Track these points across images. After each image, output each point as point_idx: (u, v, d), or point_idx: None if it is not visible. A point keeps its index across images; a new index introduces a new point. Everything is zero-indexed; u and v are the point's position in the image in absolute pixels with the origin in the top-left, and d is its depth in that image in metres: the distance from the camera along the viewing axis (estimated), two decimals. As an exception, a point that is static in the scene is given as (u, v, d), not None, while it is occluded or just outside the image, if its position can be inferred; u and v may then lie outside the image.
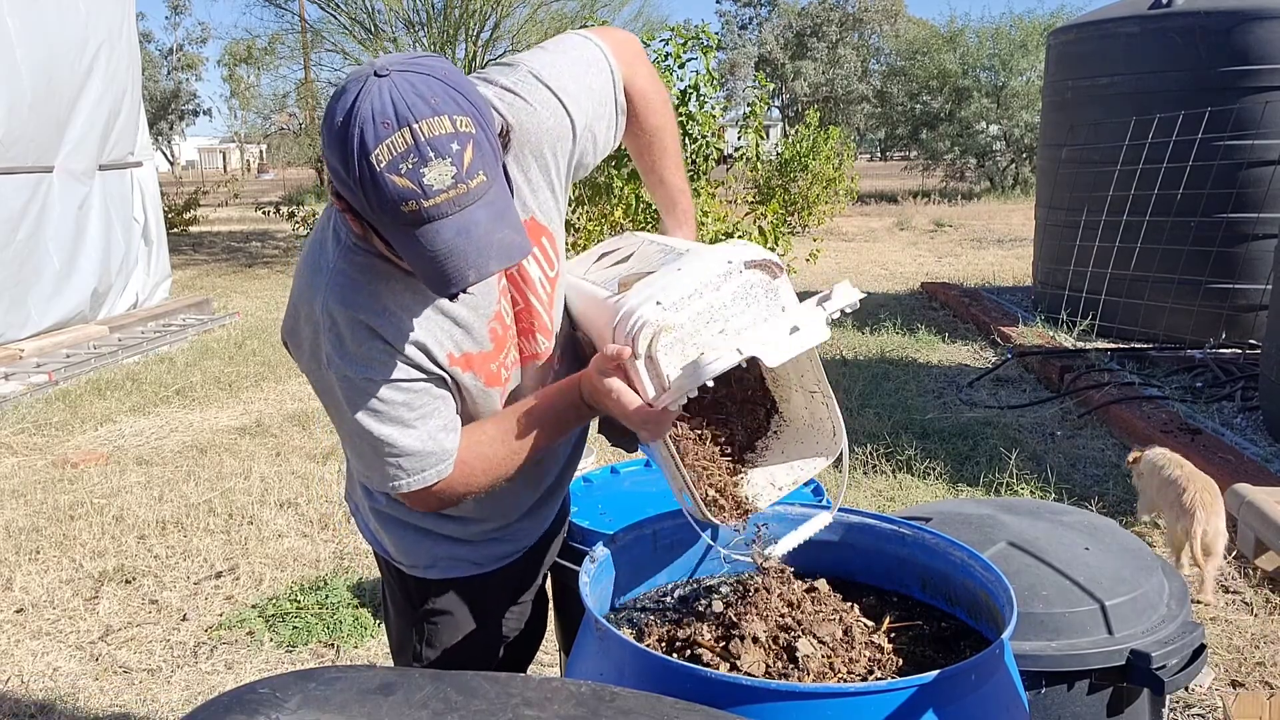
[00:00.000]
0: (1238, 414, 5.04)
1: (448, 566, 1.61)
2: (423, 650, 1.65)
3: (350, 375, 1.32)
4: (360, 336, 1.31)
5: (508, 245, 1.19)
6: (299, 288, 1.36)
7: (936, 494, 4.25)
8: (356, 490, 1.65)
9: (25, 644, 3.16)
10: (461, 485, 1.41)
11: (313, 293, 1.32)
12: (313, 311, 1.32)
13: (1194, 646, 1.64)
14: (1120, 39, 6.72)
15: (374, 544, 1.68)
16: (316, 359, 1.34)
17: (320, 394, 1.38)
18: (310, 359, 1.35)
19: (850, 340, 7.38)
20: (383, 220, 1.17)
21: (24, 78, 7.21)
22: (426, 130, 1.11)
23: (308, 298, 1.33)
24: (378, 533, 1.64)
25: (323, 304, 1.31)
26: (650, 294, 1.27)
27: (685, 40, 5.99)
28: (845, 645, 1.33)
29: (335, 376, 1.32)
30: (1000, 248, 13.02)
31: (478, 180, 1.15)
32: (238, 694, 0.93)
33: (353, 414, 1.33)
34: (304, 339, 1.35)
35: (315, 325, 1.32)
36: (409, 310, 1.33)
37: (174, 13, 47.69)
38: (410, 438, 1.35)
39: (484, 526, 1.60)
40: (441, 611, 1.64)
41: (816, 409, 1.48)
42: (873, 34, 40.83)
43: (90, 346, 7.52)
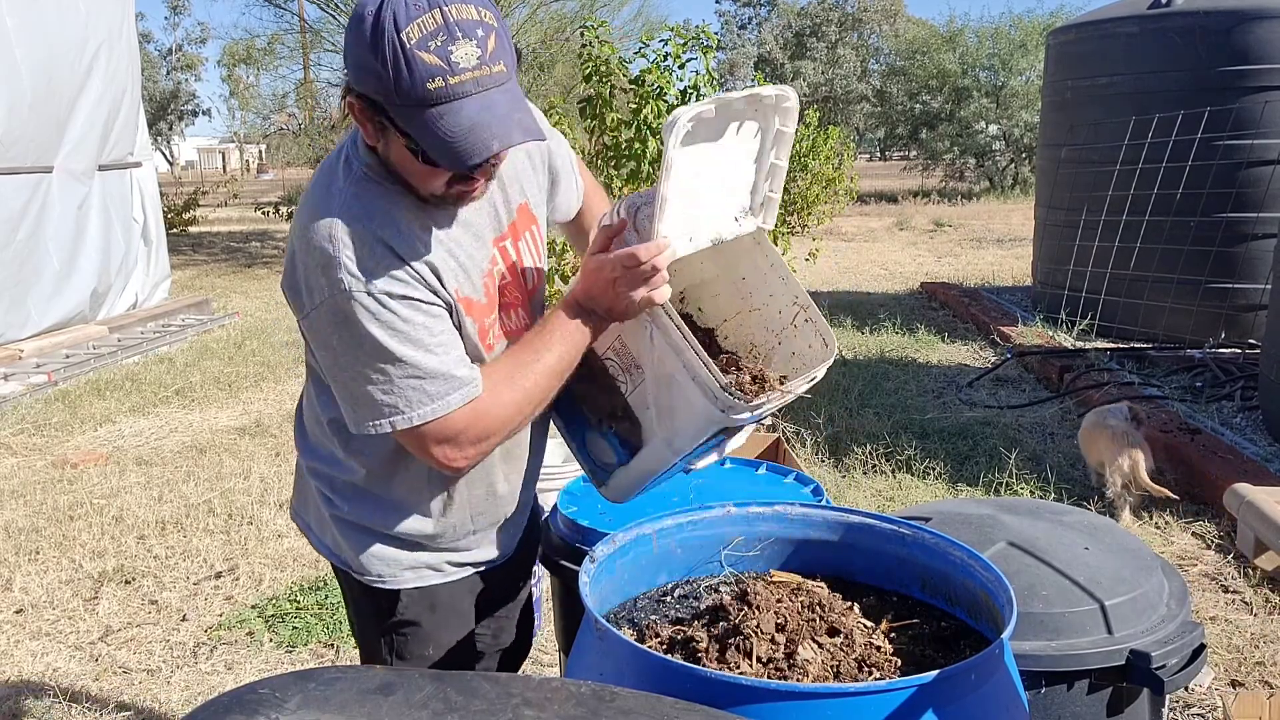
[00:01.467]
0: (1237, 413, 5.04)
1: (412, 577, 1.58)
2: (393, 663, 1.62)
3: (369, 292, 1.29)
4: (378, 253, 1.31)
5: (528, 126, 1.24)
6: (306, 219, 1.34)
7: (936, 494, 4.26)
8: (310, 504, 1.62)
9: (25, 644, 3.16)
10: (485, 423, 1.37)
11: (326, 214, 1.31)
12: (324, 235, 1.30)
13: (1194, 646, 1.64)
14: (1120, 39, 6.72)
15: (333, 558, 1.62)
16: (329, 287, 1.30)
17: (331, 332, 1.33)
18: (320, 292, 1.31)
19: (850, 340, 7.38)
20: (408, 102, 1.19)
21: (24, 78, 7.21)
22: (455, 13, 1.18)
23: (319, 222, 1.31)
24: (337, 545, 1.59)
25: (337, 224, 1.30)
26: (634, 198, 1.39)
27: (685, 40, 5.98)
28: (845, 646, 1.33)
29: (352, 299, 1.30)
30: (1000, 248, 13.02)
31: (499, 68, 1.21)
32: (237, 694, 0.93)
33: (373, 336, 1.30)
34: (310, 275, 1.32)
35: (325, 252, 1.30)
36: (420, 236, 1.35)
37: (173, 13, 47.64)
38: (434, 361, 1.33)
39: (448, 523, 1.57)
40: (410, 622, 1.60)
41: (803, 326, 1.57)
42: (872, 34, 40.82)
43: (90, 347, 7.52)
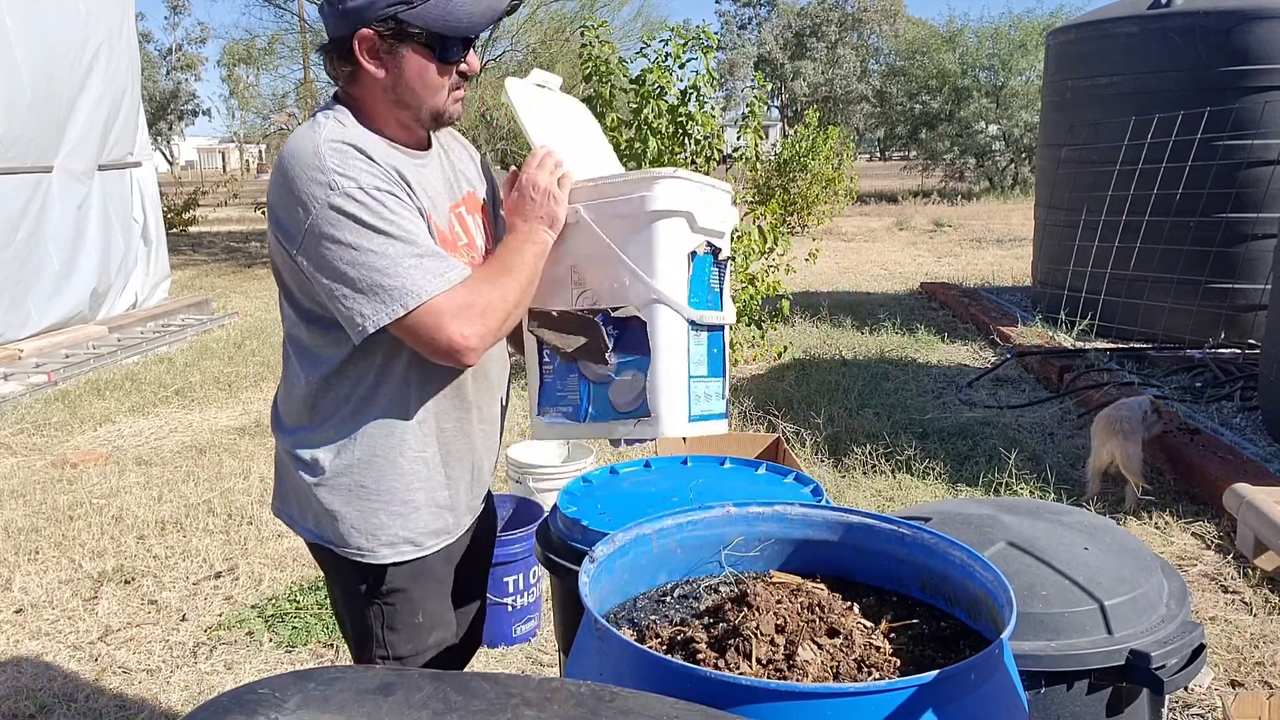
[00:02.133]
0: (1237, 414, 5.04)
1: (389, 554, 1.65)
2: (384, 635, 1.68)
3: (361, 187, 1.45)
4: (360, 161, 1.48)
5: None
6: (293, 149, 1.48)
7: (936, 494, 4.26)
8: (290, 491, 1.69)
9: (24, 644, 3.16)
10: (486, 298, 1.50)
11: (311, 142, 1.47)
12: (311, 152, 1.46)
13: (1193, 646, 1.64)
14: (1120, 39, 6.72)
15: (322, 540, 1.66)
16: (325, 191, 1.44)
17: (333, 232, 1.45)
18: (316, 201, 1.44)
19: (850, 340, 7.39)
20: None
21: (23, 77, 7.21)
22: None
23: (306, 145, 1.47)
24: (319, 523, 1.65)
25: (322, 143, 1.47)
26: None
27: (685, 41, 5.99)
28: (845, 647, 1.33)
29: (346, 195, 1.44)
30: (999, 248, 13.02)
31: None
32: (237, 694, 0.93)
33: (371, 224, 1.45)
34: (305, 189, 1.45)
35: (315, 165, 1.45)
36: (392, 162, 1.53)
37: (173, 13, 47.66)
38: (426, 242, 1.50)
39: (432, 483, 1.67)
40: (397, 590, 1.67)
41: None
42: (872, 34, 40.83)
43: (89, 347, 7.52)
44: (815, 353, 7.01)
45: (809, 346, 7.21)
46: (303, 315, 1.58)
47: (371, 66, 1.51)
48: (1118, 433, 4.02)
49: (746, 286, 6.07)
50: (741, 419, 5.42)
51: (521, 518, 3.34)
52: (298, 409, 1.63)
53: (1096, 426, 4.16)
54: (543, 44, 13.36)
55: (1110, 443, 4.02)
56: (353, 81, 1.55)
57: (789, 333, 7.62)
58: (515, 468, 3.85)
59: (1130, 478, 4.00)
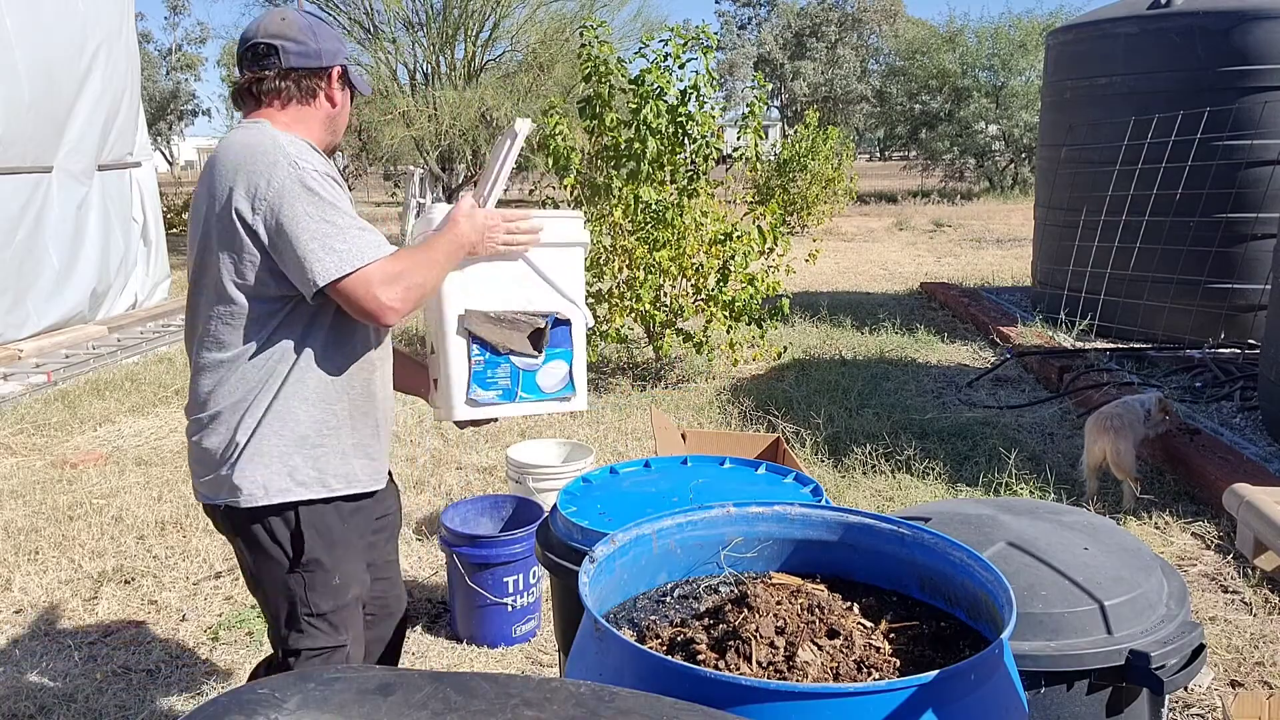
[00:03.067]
0: (1237, 414, 5.04)
1: (303, 492, 1.86)
2: (309, 596, 1.91)
3: (315, 170, 1.80)
4: (311, 154, 1.83)
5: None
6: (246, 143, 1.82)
7: (936, 494, 4.26)
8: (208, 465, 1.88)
9: (24, 644, 3.16)
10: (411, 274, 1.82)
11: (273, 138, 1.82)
12: (272, 144, 1.80)
13: (1193, 646, 1.64)
14: (1119, 39, 6.72)
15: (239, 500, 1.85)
16: (287, 169, 1.77)
17: (294, 201, 1.76)
18: (279, 178, 1.77)
19: (850, 340, 7.39)
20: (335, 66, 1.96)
21: (22, 78, 7.21)
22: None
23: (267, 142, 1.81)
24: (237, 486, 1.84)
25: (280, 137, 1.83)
26: None
27: (685, 41, 5.99)
28: (845, 648, 1.33)
29: (303, 173, 1.78)
30: (999, 248, 13.02)
31: None
32: (236, 694, 0.93)
33: (324, 198, 1.78)
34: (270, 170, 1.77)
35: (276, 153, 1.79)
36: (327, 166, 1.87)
37: (173, 13, 47.67)
38: (363, 221, 1.83)
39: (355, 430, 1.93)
40: (314, 560, 1.90)
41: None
42: (871, 34, 40.84)
43: (89, 347, 7.52)
44: (815, 353, 7.01)
45: (809, 346, 7.21)
46: (230, 298, 1.82)
47: (337, 94, 1.97)
48: (1109, 429, 4.02)
49: (746, 286, 6.07)
50: (741, 419, 5.42)
51: (521, 518, 3.34)
52: (235, 372, 1.85)
53: (1089, 424, 4.17)
54: (542, 44, 13.36)
55: (1101, 440, 4.03)
56: (299, 106, 1.93)
57: (789, 333, 7.62)
58: (515, 468, 3.85)
59: (1119, 475, 4.00)
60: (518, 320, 2.04)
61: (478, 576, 3.04)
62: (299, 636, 1.93)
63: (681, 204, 5.95)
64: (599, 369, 6.64)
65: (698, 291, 6.22)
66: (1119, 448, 3.97)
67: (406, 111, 12.60)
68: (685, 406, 5.73)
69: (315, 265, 1.75)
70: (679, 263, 6.00)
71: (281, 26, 1.91)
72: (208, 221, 1.82)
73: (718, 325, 6.09)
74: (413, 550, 3.82)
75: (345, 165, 25.57)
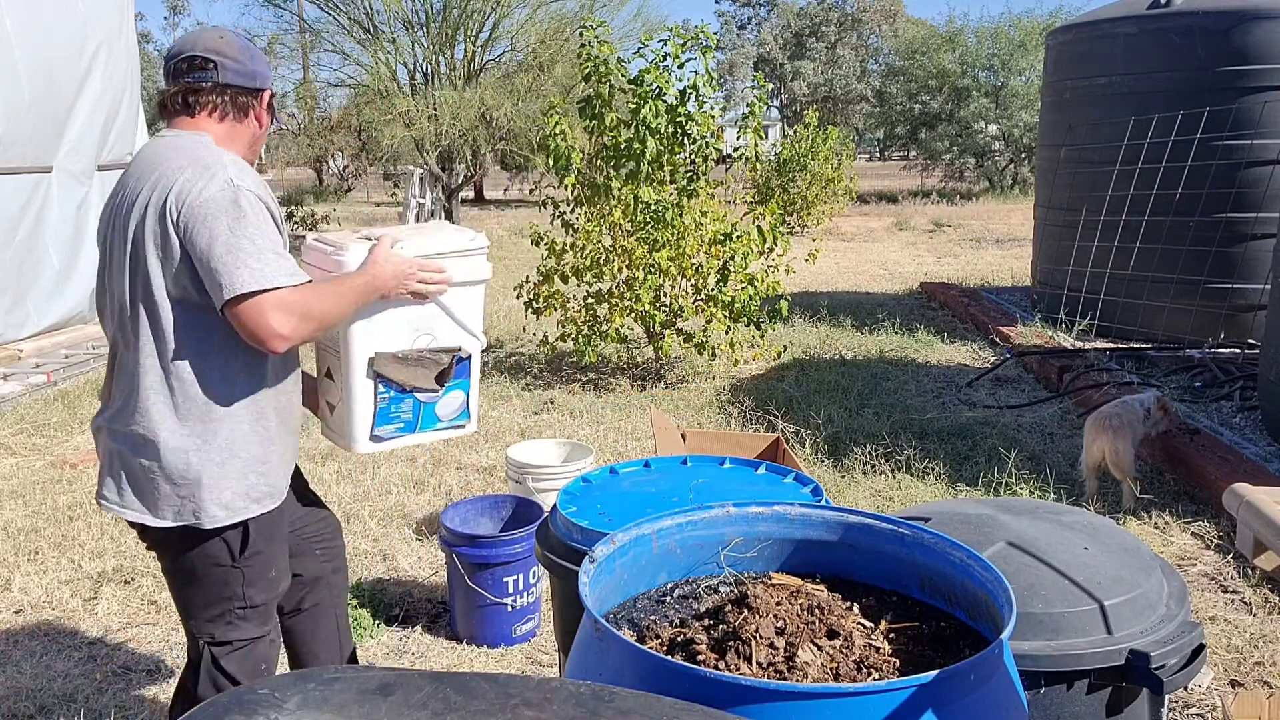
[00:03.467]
0: (1236, 413, 5.04)
1: (256, 508, 1.97)
2: (245, 592, 2.01)
3: (250, 189, 1.87)
4: (250, 176, 1.92)
5: None
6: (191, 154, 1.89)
7: (935, 494, 4.26)
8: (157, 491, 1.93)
9: (24, 644, 3.16)
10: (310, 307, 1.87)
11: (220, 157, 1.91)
12: (218, 161, 1.89)
13: (1193, 646, 1.64)
14: (1119, 39, 6.73)
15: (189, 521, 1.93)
16: (224, 183, 1.85)
17: (221, 213, 1.83)
18: (215, 187, 1.84)
19: (849, 340, 7.39)
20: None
21: (22, 78, 7.20)
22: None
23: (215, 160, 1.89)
24: (189, 508, 1.92)
25: (225, 156, 1.92)
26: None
27: (684, 41, 5.99)
28: (845, 649, 1.33)
29: (237, 190, 1.85)
30: (999, 248, 13.03)
31: None
32: (237, 694, 0.93)
33: (249, 216, 1.84)
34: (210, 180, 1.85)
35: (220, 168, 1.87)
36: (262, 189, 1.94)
37: (173, 13, 47.70)
38: (283, 248, 1.90)
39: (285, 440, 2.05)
40: (257, 552, 2.01)
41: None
42: (871, 34, 40.83)
43: (89, 347, 7.52)
44: (815, 353, 7.01)
45: (809, 346, 7.21)
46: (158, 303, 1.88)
47: (264, 116, 2.08)
48: (1107, 429, 4.02)
49: (746, 286, 6.07)
50: (741, 419, 5.43)
51: (521, 518, 3.34)
52: (173, 404, 1.91)
53: (1088, 424, 4.17)
54: (542, 44, 13.36)
55: (1100, 439, 4.03)
56: (233, 122, 2.02)
57: (789, 333, 7.62)
58: (515, 468, 3.85)
59: (1117, 474, 4.00)
60: (424, 358, 2.15)
61: (478, 576, 3.04)
62: (228, 629, 2.03)
63: (681, 204, 5.95)
64: (599, 369, 6.64)
65: (697, 292, 6.22)
66: (1117, 447, 3.97)
67: (406, 111, 12.61)
68: (685, 406, 5.73)
69: (228, 280, 1.80)
70: (679, 263, 6.00)
71: (219, 44, 2.00)
72: (141, 224, 1.87)
73: (717, 325, 6.10)
74: (413, 550, 3.82)
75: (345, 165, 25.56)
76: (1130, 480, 3.99)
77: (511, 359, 7.05)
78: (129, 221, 1.89)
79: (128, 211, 1.90)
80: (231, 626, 2.03)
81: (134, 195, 1.89)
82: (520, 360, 7.00)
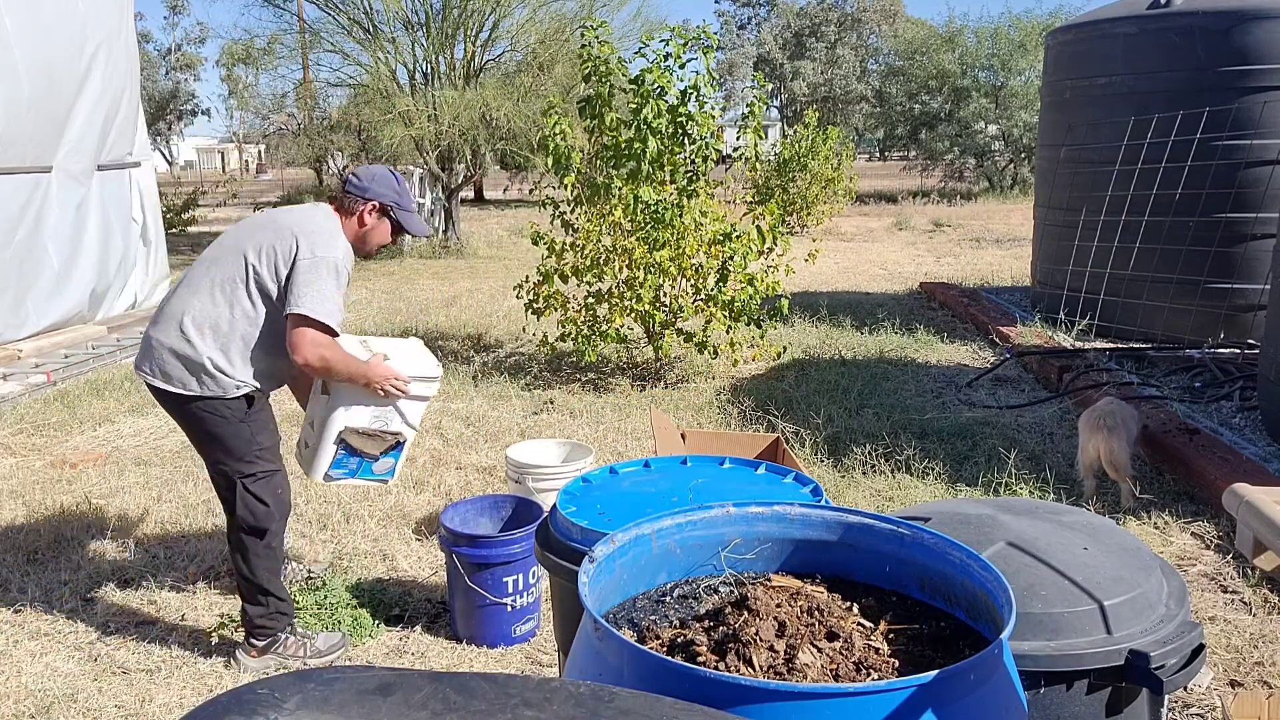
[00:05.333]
0: (1236, 414, 5.04)
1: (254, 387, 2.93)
2: (257, 435, 2.93)
3: (340, 261, 2.88)
4: (346, 250, 2.93)
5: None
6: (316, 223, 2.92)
7: (935, 494, 4.26)
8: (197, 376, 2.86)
9: (24, 644, 3.16)
10: (332, 352, 2.83)
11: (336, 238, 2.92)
12: (331, 241, 2.89)
13: (1193, 646, 1.64)
14: (1119, 39, 6.73)
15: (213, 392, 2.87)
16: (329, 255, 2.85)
17: (319, 268, 2.82)
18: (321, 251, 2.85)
19: (849, 340, 7.39)
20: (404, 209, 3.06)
21: (22, 78, 7.20)
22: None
23: (327, 225, 2.94)
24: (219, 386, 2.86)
25: (338, 243, 2.91)
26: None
27: (686, 41, 5.99)
28: (845, 650, 1.33)
29: (336, 262, 2.86)
30: (999, 248, 13.03)
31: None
32: (236, 694, 0.93)
33: (331, 278, 2.83)
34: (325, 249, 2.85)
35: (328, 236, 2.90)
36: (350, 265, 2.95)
37: (172, 13, 47.66)
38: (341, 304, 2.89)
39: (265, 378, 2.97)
40: (258, 412, 2.97)
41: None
42: (871, 34, 40.83)
43: (89, 347, 7.52)
44: (815, 353, 7.02)
45: (809, 346, 7.21)
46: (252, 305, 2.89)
47: (368, 218, 3.01)
48: (1101, 428, 4.02)
49: (746, 286, 6.07)
50: (741, 419, 5.43)
51: (521, 518, 3.34)
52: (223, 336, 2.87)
53: (1082, 422, 4.17)
54: (542, 44, 13.33)
55: (1095, 438, 4.04)
56: (346, 215, 3.00)
57: (788, 333, 7.62)
58: (515, 468, 3.85)
59: (1112, 473, 4.00)
60: (375, 436, 3.12)
61: (477, 576, 3.04)
62: (250, 465, 2.91)
63: (681, 204, 5.95)
64: (599, 369, 6.64)
65: (697, 292, 6.22)
66: (1112, 446, 3.97)
67: (406, 111, 12.58)
68: (685, 406, 5.73)
69: (298, 300, 2.79)
70: (679, 263, 6.00)
71: (363, 170, 3.04)
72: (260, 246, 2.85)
73: (717, 325, 6.09)
74: (412, 550, 3.82)
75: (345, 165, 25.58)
76: (1128, 480, 3.99)
77: (511, 359, 7.05)
78: (275, 239, 2.84)
79: (275, 231, 2.87)
80: (253, 464, 2.91)
81: (267, 225, 2.90)
82: (520, 360, 7.00)
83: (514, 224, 17.54)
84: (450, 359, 6.98)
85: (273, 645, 3.00)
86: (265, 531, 2.94)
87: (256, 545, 2.95)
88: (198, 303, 2.86)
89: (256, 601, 2.98)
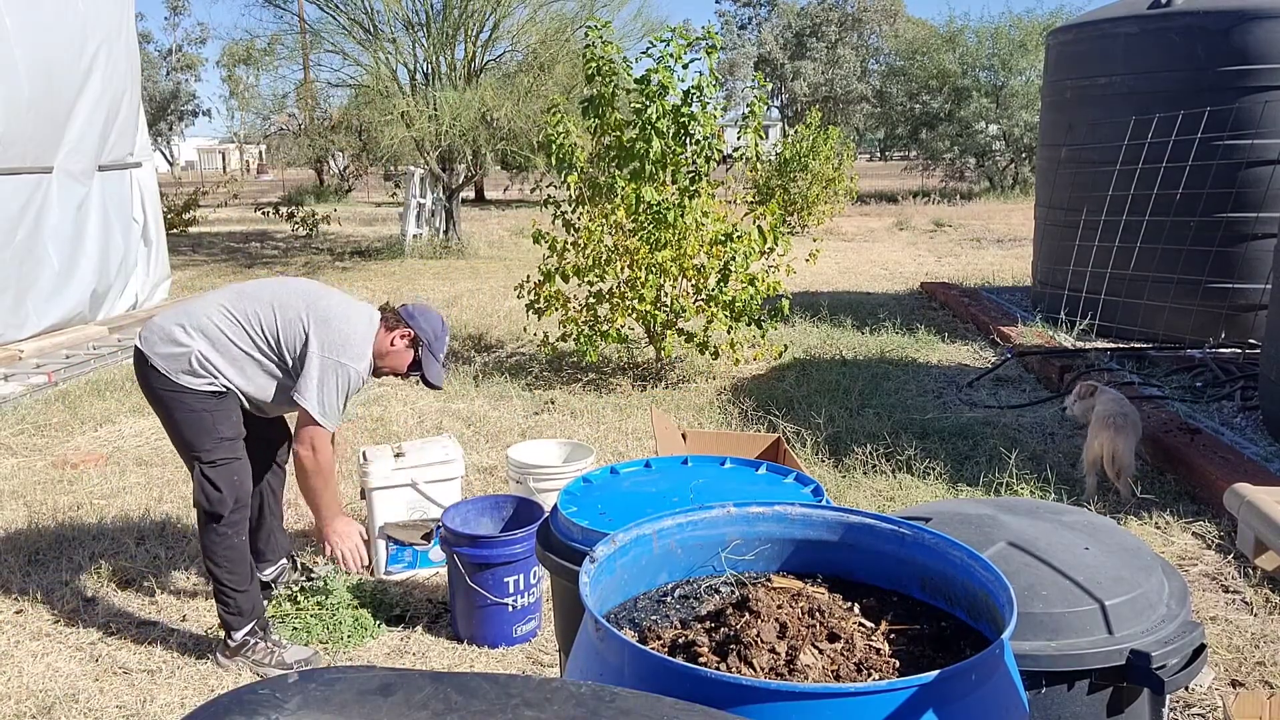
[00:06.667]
0: (1237, 413, 5.04)
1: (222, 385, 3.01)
2: (219, 424, 2.98)
3: (356, 369, 3.04)
4: (363, 366, 3.08)
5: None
6: (353, 328, 3.06)
7: (936, 494, 4.26)
8: (183, 367, 2.95)
9: (25, 645, 3.16)
10: (326, 455, 3.04)
11: (362, 346, 3.07)
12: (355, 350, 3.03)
13: (1194, 646, 1.64)
14: (1119, 39, 6.72)
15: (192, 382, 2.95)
16: (345, 357, 3.01)
17: (331, 369, 2.97)
18: (344, 358, 3.00)
19: (850, 340, 7.39)
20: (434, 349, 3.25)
21: (22, 78, 7.21)
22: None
23: (360, 333, 3.08)
24: (214, 372, 2.98)
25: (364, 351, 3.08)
26: None
27: (688, 41, 5.99)
28: (846, 651, 1.33)
29: (350, 369, 3.01)
30: (1000, 248, 13.02)
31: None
32: (237, 694, 0.93)
33: (339, 384, 2.99)
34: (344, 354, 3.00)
35: (352, 345, 3.03)
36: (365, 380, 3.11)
37: (173, 13, 47.69)
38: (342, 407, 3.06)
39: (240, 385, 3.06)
40: (224, 404, 3.02)
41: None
42: (872, 34, 40.83)
43: (90, 347, 7.52)
44: (815, 353, 7.01)
45: (809, 346, 7.21)
46: (281, 368, 3.07)
47: (396, 341, 3.18)
48: (1109, 426, 4.04)
49: (747, 287, 6.07)
50: (742, 419, 5.42)
51: (521, 518, 3.34)
52: (220, 351, 2.99)
53: (1092, 418, 4.19)
54: (543, 44, 13.33)
55: (1101, 435, 4.05)
56: (389, 330, 3.17)
57: (789, 333, 7.62)
58: (515, 468, 3.85)
59: (1111, 471, 4.01)
60: (415, 525, 3.55)
61: (478, 576, 3.04)
62: (210, 451, 2.95)
63: (683, 204, 5.95)
64: (600, 369, 6.64)
65: (698, 292, 6.22)
66: (1118, 445, 3.98)
67: (406, 111, 12.58)
68: (685, 406, 5.73)
69: (308, 395, 2.97)
70: (680, 263, 6.00)
71: (421, 305, 3.28)
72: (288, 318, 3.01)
73: (718, 325, 6.09)
74: (413, 550, 3.82)
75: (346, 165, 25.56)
76: (1128, 480, 4.00)
77: (512, 359, 7.05)
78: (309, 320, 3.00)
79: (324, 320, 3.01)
80: (213, 450, 2.96)
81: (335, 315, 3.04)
82: (521, 360, 7.00)
83: (515, 224, 17.55)
84: (451, 359, 6.98)
85: (243, 649, 3.00)
86: (220, 518, 2.94)
87: (212, 532, 2.96)
88: (218, 323, 3.00)
89: (220, 599, 3.00)
